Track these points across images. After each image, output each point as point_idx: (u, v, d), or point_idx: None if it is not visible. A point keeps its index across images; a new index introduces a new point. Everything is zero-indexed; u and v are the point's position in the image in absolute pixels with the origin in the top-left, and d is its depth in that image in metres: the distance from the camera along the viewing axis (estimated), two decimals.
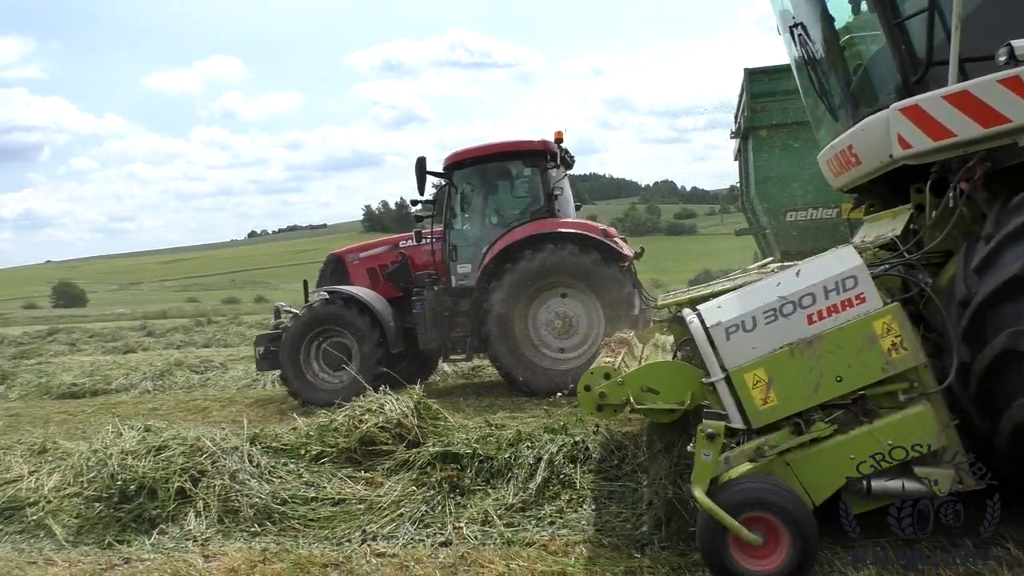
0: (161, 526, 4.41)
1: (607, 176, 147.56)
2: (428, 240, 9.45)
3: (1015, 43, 3.29)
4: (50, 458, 5.65)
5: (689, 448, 3.31)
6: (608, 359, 4.46)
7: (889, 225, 4.27)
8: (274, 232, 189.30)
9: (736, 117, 10.63)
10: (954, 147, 3.58)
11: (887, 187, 4.54)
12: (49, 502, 4.78)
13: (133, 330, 24.05)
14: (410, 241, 9.67)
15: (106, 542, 4.31)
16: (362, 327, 8.83)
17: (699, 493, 3.11)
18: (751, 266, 5.36)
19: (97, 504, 4.62)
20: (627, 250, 8.96)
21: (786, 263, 4.05)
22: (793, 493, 3.18)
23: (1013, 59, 3.31)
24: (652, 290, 17.59)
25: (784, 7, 5.25)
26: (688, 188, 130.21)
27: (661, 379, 3.73)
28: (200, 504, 4.51)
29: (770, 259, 5.44)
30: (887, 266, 3.60)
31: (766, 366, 3.31)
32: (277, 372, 9.45)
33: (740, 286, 3.79)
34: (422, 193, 9.20)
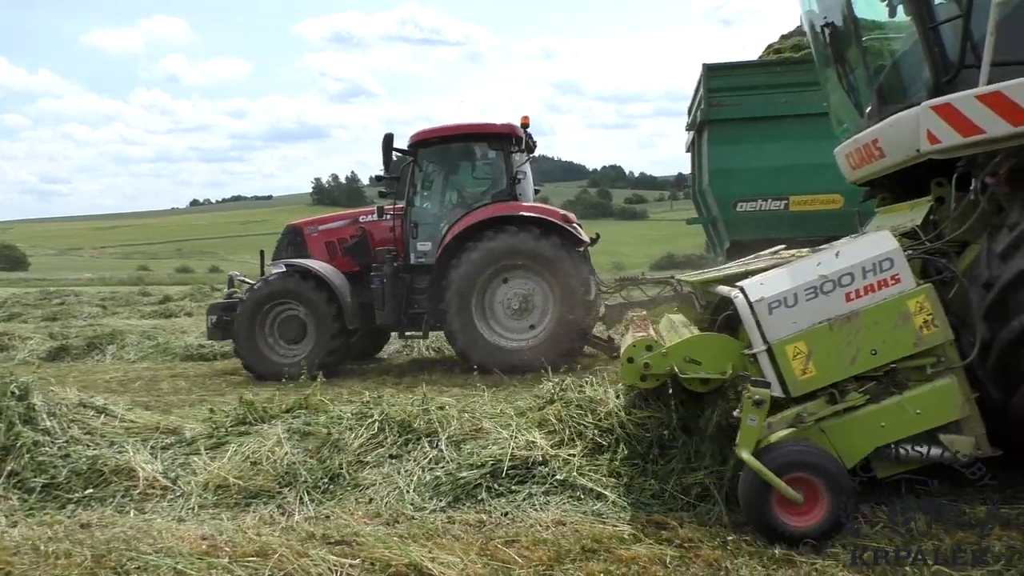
0: None
1: (556, 159, 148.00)
2: (389, 216, 9.51)
3: None
4: None
5: (736, 414, 3.52)
6: (640, 333, 4.64)
7: (908, 216, 4.50)
8: (218, 201, 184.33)
9: (691, 110, 10.94)
10: (982, 144, 3.83)
11: (901, 182, 4.84)
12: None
13: (142, 295, 23.00)
14: (371, 216, 9.70)
15: None
16: (319, 301, 8.87)
17: (746, 455, 3.33)
18: (762, 252, 5.68)
19: None
20: (584, 235, 9.20)
21: (819, 247, 4.35)
22: (832, 457, 3.43)
23: None
24: (615, 272, 17.87)
25: (810, 7, 5.49)
26: (636, 174, 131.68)
27: (704, 350, 3.89)
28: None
29: (781, 246, 5.79)
30: (910, 252, 3.81)
31: (806, 339, 3.55)
32: (229, 342, 9.45)
33: (762, 269, 4.04)
34: (387, 170, 9.24)
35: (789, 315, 3.58)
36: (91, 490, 4.31)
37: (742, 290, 3.69)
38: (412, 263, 9.40)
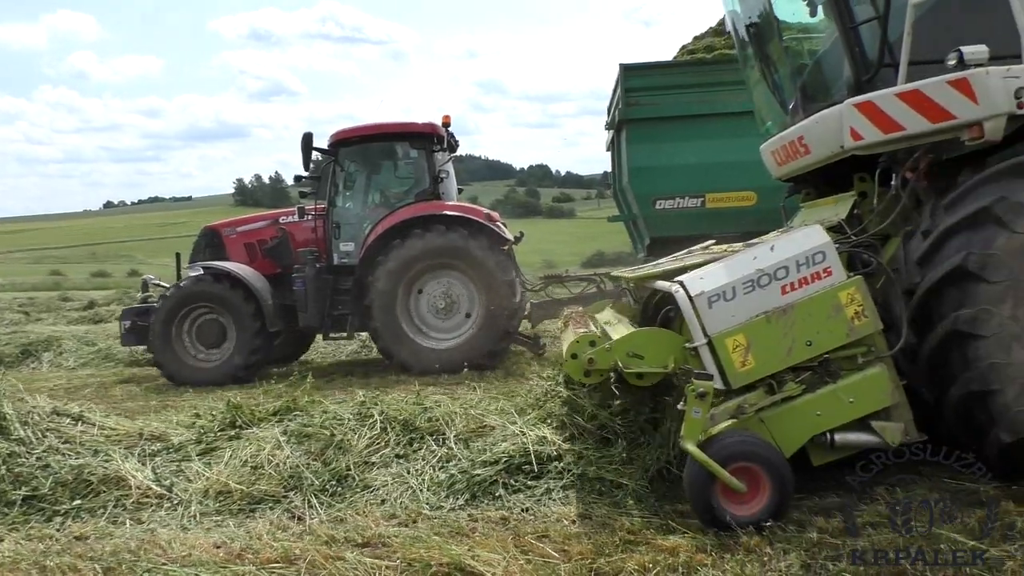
0: None
1: (483, 158, 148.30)
2: (310, 217, 9.37)
3: (964, 49, 3.72)
4: None
5: (679, 407, 3.55)
6: (582, 330, 4.68)
7: (832, 210, 4.67)
8: (133, 203, 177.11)
9: (610, 109, 11.15)
10: (902, 140, 4.01)
11: (824, 177, 5.01)
12: None
13: (63, 300, 21.32)
14: (291, 217, 9.53)
15: None
16: (239, 306, 8.68)
17: (691, 446, 3.39)
18: (694, 248, 5.79)
19: None
20: (508, 234, 9.27)
21: (752, 241, 4.44)
22: (773, 446, 3.53)
23: (961, 63, 3.73)
24: (547, 269, 17.91)
25: (733, 7, 5.63)
26: (563, 172, 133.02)
27: (646, 345, 3.93)
28: None
29: (711, 242, 5.93)
30: (838, 246, 3.89)
31: (745, 332, 3.64)
32: (142, 348, 9.14)
33: (697, 264, 4.11)
34: (307, 169, 9.11)
35: (728, 308, 3.67)
36: (79, 501, 4.13)
37: (682, 285, 3.76)
38: (335, 264, 9.29)
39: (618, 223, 12.08)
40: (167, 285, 9.38)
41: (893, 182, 4.17)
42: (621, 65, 10.10)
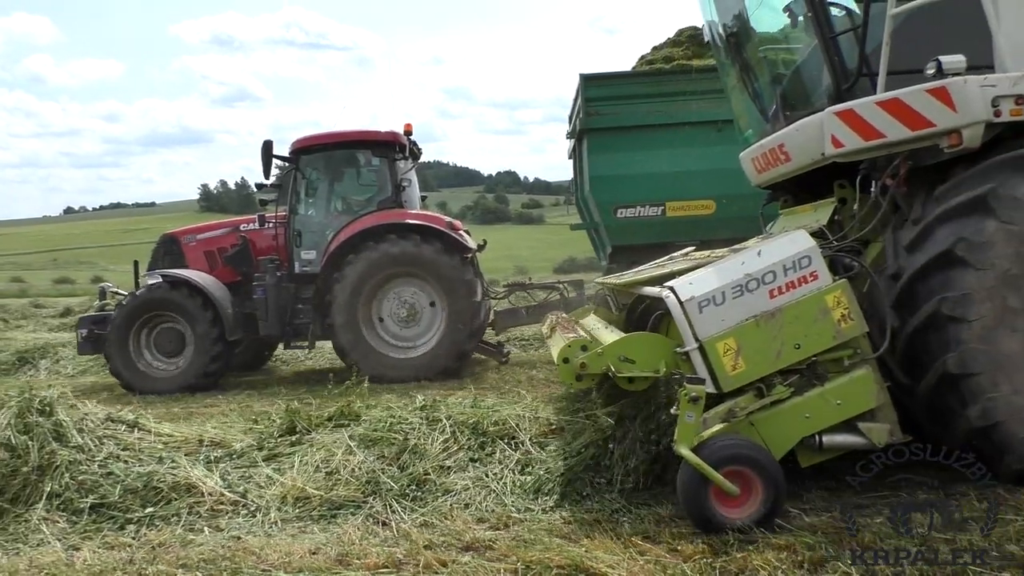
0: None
1: (451, 164, 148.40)
2: (271, 224, 9.33)
3: (943, 59, 3.82)
4: None
5: (672, 411, 3.60)
6: (571, 334, 4.70)
7: (812, 217, 4.75)
8: (95, 209, 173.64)
9: (571, 118, 11.27)
10: (882, 147, 4.10)
11: (802, 184, 5.09)
12: None
13: (36, 307, 20.79)
14: (252, 224, 9.48)
15: None
16: (196, 313, 8.62)
17: (685, 451, 3.42)
18: (676, 253, 5.83)
19: None
20: (470, 242, 9.31)
21: (737, 247, 4.50)
22: (765, 449, 3.57)
23: (940, 72, 3.83)
24: (519, 276, 17.82)
25: (712, 17, 5.70)
26: (531, 179, 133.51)
27: (638, 349, 3.96)
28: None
29: (690, 248, 6.03)
30: (822, 250, 3.94)
31: (735, 336, 3.67)
32: (99, 356, 9.03)
33: (685, 270, 4.15)
34: (267, 177, 9.05)
35: (718, 313, 3.71)
36: (151, 508, 4.06)
37: (672, 290, 3.80)
38: (296, 272, 9.25)
39: (581, 231, 12.20)
40: (125, 293, 9.27)
41: (873, 188, 4.26)
42: (581, 75, 10.23)
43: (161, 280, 8.86)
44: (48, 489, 4.12)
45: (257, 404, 7.42)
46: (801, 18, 4.81)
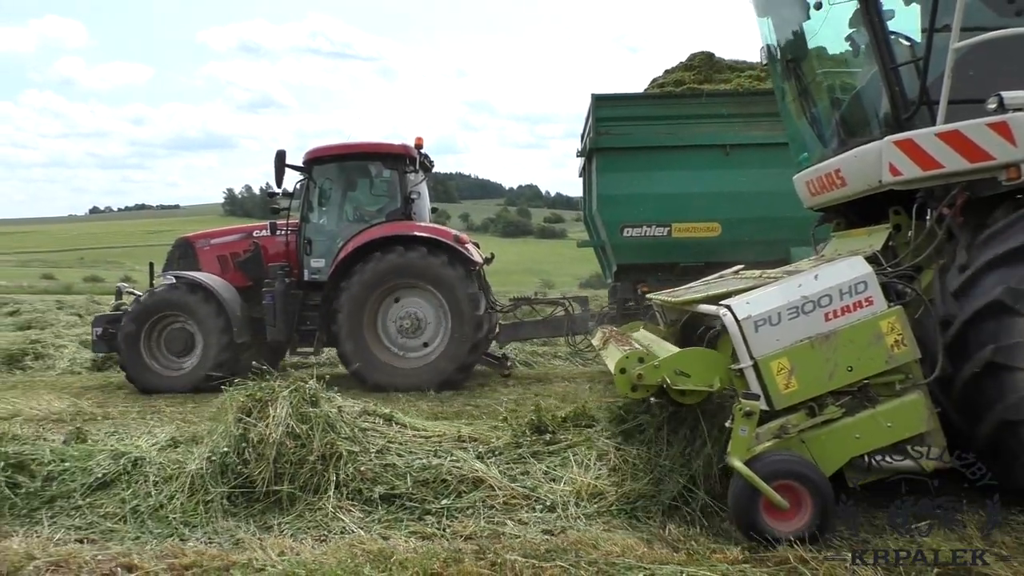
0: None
1: (473, 176, 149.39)
2: (283, 232, 9.54)
3: (1005, 94, 3.93)
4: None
5: (727, 424, 3.74)
6: (625, 347, 4.80)
7: (866, 241, 4.85)
8: (120, 209, 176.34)
9: (582, 137, 11.42)
10: (940, 177, 4.19)
11: (854, 208, 5.20)
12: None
13: (93, 303, 20.95)
14: (264, 231, 9.70)
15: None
16: (206, 315, 8.84)
17: (738, 463, 3.55)
18: (725, 272, 5.97)
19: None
20: (477, 256, 9.46)
21: (792, 268, 4.59)
22: (815, 466, 3.67)
23: (1001, 107, 3.94)
24: (544, 289, 17.74)
25: (771, 40, 5.80)
26: (552, 193, 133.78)
27: (693, 364, 4.05)
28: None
29: (740, 266, 6.16)
30: (879, 276, 4.03)
31: (789, 356, 3.78)
32: (114, 354, 9.28)
33: (741, 289, 4.25)
34: (280, 185, 9.28)
35: (773, 333, 3.81)
36: (447, 500, 4.16)
37: (730, 309, 3.90)
38: (305, 279, 9.45)
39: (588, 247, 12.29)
40: (139, 293, 9.52)
41: (928, 217, 4.34)
42: (593, 95, 10.38)
43: (174, 281, 9.11)
44: (335, 478, 4.22)
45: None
46: (863, 47, 4.89)
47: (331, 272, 9.16)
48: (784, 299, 3.88)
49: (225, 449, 4.36)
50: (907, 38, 4.79)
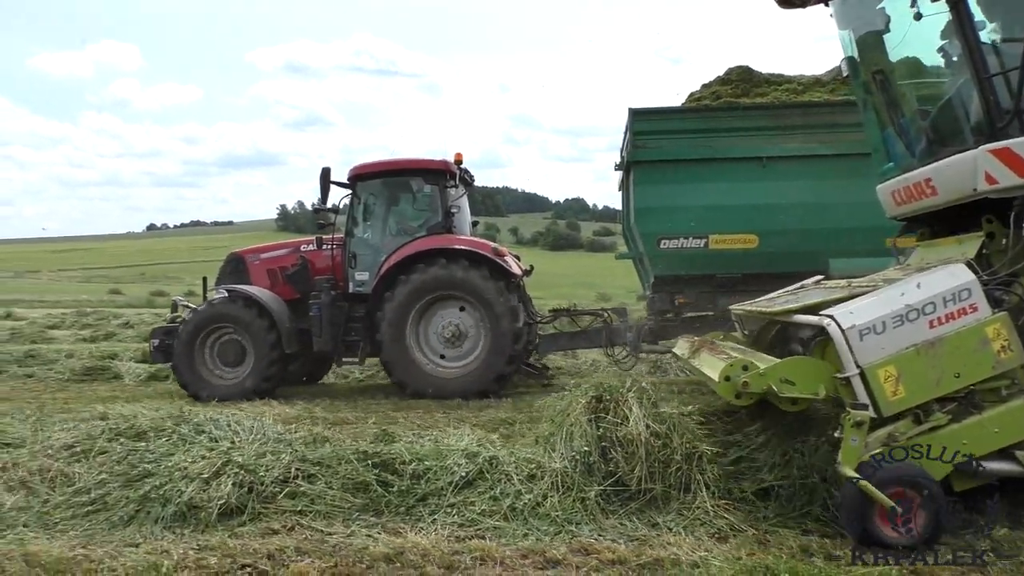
0: None
1: (520, 191, 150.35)
2: (329, 246, 9.92)
3: None
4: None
5: (836, 434, 3.83)
6: (721, 355, 4.99)
7: (958, 250, 4.83)
8: (176, 226, 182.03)
9: (621, 151, 11.57)
10: None
11: (939, 217, 5.23)
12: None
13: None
14: (311, 246, 10.09)
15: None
16: (258, 326, 9.23)
17: (851, 471, 3.66)
18: (806, 282, 6.03)
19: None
20: (516, 268, 9.69)
21: (891, 277, 4.66)
22: (927, 473, 3.73)
23: None
24: (602, 303, 18.03)
25: (851, 53, 5.85)
26: (600, 207, 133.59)
27: (799, 372, 4.14)
28: None
29: (820, 276, 6.27)
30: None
31: (896, 363, 3.85)
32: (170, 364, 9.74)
33: (838, 299, 4.38)
34: (325, 202, 9.69)
35: (878, 341, 3.88)
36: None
37: (833, 318, 3.97)
38: (350, 292, 9.79)
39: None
40: (193, 306, 9.98)
41: None
42: (630, 109, 10.53)
43: (226, 295, 9.54)
44: (700, 477, 4.38)
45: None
46: (955, 58, 4.91)
47: (375, 284, 9.49)
48: (887, 308, 3.93)
49: (586, 448, 4.52)
50: (996, 47, 4.77)
